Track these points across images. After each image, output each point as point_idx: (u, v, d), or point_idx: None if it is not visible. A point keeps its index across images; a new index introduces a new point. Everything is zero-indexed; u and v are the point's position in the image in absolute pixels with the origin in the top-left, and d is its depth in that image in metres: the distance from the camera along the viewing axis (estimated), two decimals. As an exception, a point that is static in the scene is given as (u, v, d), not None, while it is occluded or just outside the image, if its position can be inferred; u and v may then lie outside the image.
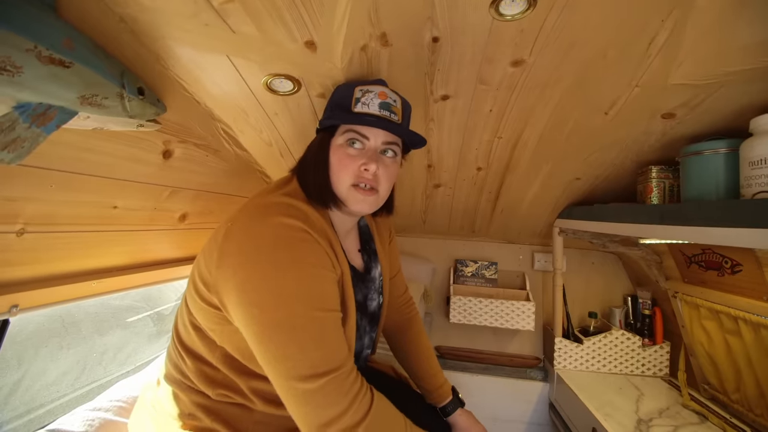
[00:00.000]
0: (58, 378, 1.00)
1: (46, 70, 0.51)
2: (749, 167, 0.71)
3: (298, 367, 0.54)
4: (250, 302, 0.56)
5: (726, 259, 1.08)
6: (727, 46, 0.66)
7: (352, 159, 0.70)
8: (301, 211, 0.65)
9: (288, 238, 0.59)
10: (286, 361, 0.55)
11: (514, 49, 0.72)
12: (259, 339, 0.56)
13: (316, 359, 0.55)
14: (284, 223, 0.60)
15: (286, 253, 0.58)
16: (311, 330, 0.56)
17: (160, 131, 0.81)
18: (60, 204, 0.71)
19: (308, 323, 0.56)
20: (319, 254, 0.62)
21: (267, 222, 0.60)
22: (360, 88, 0.72)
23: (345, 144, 0.71)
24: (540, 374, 1.63)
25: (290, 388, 0.55)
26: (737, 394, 1.14)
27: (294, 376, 0.54)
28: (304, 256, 0.59)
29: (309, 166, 0.73)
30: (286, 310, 0.56)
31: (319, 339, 0.56)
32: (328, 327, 0.58)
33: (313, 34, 0.68)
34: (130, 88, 0.64)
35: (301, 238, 0.60)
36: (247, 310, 0.57)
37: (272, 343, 0.55)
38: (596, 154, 1.10)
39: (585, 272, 1.71)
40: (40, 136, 0.54)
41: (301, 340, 0.55)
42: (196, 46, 0.70)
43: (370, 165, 0.69)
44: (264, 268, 0.57)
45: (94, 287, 0.83)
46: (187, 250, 1.14)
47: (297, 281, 0.57)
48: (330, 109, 0.76)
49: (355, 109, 0.70)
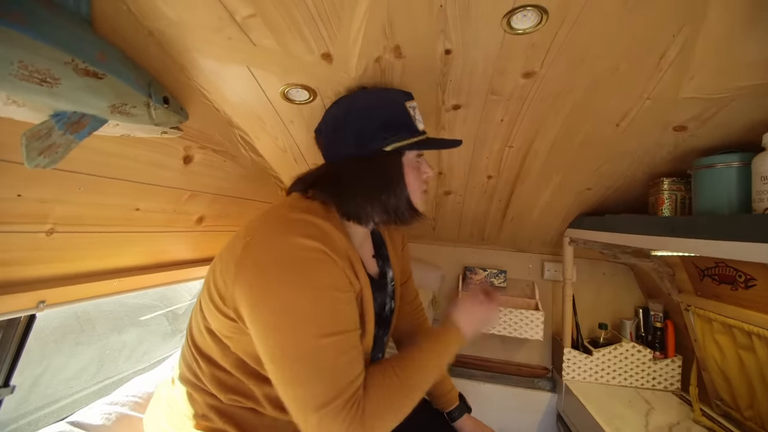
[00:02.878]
0: (76, 373, 1.04)
1: (81, 82, 0.55)
2: (761, 182, 0.71)
3: (306, 395, 0.55)
4: (265, 323, 0.58)
5: (740, 273, 1.07)
6: (737, 62, 0.66)
7: (420, 170, 0.76)
8: (321, 229, 0.64)
9: (305, 259, 0.60)
10: (295, 388, 0.56)
11: (525, 62, 0.74)
12: (272, 359, 0.58)
13: (322, 386, 0.55)
14: (302, 244, 0.60)
15: (302, 276, 0.59)
16: (322, 356, 0.57)
17: (182, 138, 0.85)
18: (87, 206, 0.75)
19: (319, 349, 0.57)
20: (336, 275, 0.62)
21: (285, 241, 0.60)
22: (409, 105, 0.75)
23: (414, 159, 0.75)
24: (548, 384, 1.62)
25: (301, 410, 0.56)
26: (750, 411, 1.12)
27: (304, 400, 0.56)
28: (320, 278, 0.60)
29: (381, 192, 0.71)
30: (299, 336, 0.57)
31: (328, 365, 0.57)
32: (340, 352, 0.58)
33: (329, 46, 0.71)
34: (156, 98, 0.67)
35: (319, 259, 0.61)
36: (261, 331, 0.58)
37: (286, 368, 0.57)
38: (607, 164, 1.10)
39: (595, 283, 1.69)
40: (73, 143, 0.58)
41: (310, 367, 0.56)
42: (219, 58, 0.73)
43: (430, 172, 0.78)
44: (279, 292, 0.58)
45: (115, 285, 0.87)
46: (203, 251, 1.17)
47: (312, 306, 0.58)
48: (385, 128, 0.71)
49: (419, 128, 0.75)
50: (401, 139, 0.72)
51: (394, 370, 0.64)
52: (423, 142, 0.74)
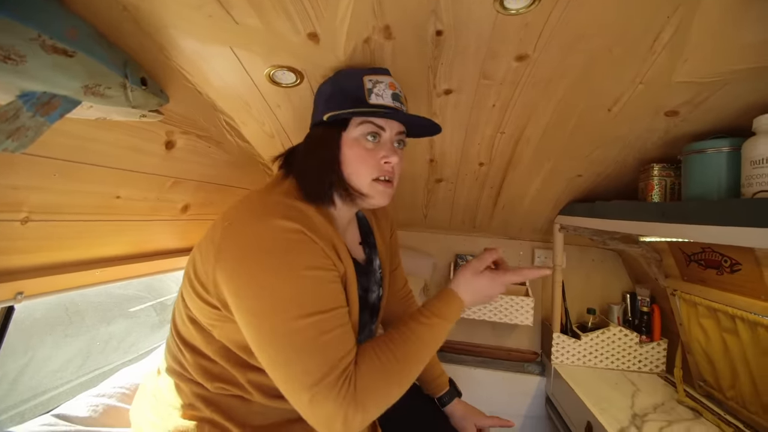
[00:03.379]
0: (62, 365, 1.02)
1: (50, 60, 0.51)
2: (751, 166, 0.71)
3: (295, 375, 0.55)
4: (247, 309, 0.57)
5: (725, 258, 1.08)
6: (732, 44, 0.65)
7: (371, 153, 0.69)
8: (299, 210, 0.64)
9: (285, 241, 0.59)
10: (283, 368, 0.56)
11: (518, 44, 0.72)
12: (258, 344, 0.57)
13: (311, 365, 0.55)
14: (281, 226, 0.59)
15: (282, 258, 0.58)
16: (308, 335, 0.56)
17: (163, 122, 0.81)
18: (64, 193, 0.72)
19: (305, 329, 0.56)
20: (317, 254, 0.61)
21: (264, 224, 0.59)
22: (369, 78, 0.70)
23: (362, 137, 0.69)
24: (537, 368, 1.65)
25: (291, 397, 0.56)
26: (732, 392, 1.15)
27: (292, 385, 0.55)
28: (300, 259, 0.59)
29: (315, 164, 0.70)
30: (282, 318, 0.56)
31: (316, 344, 0.56)
32: (326, 330, 0.58)
33: (316, 26, 0.68)
34: (133, 78, 0.64)
35: (298, 240, 0.59)
36: (245, 317, 0.57)
37: (271, 350, 0.56)
38: (599, 150, 1.10)
39: (585, 269, 1.71)
40: (44, 125, 0.55)
41: (297, 347, 0.55)
42: (199, 37, 0.70)
43: (391, 158, 0.69)
44: (260, 276, 0.57)
45: (98, 276, 0.84)
46: (189, 240, 1.14)
47: (294, 287, 0.57)
48: (335, 99, 0.70)
49: (370, 101, 0.68)
50: (341, 108, 0.68)
51: (387, 345, 0.62)
52: (367, 112, 0.68)
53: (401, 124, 0.72)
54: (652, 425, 1.08)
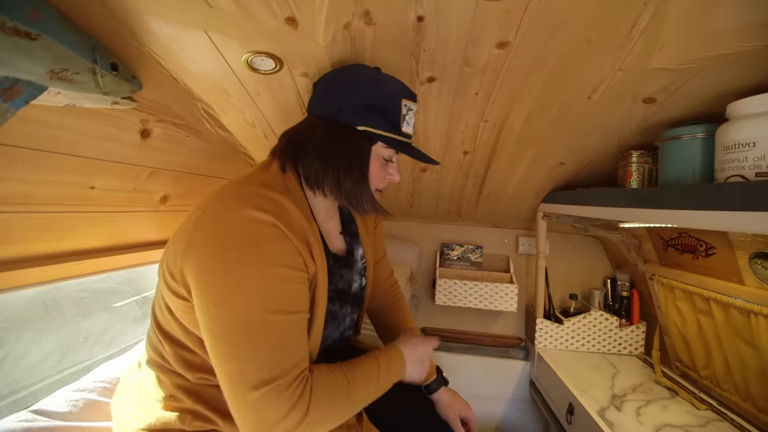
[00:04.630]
0: (40, 360, 0.99)
1: (10, 42, 0.49)
2: (724, 152, 0.73)
3: (245, 369, 0.53)
4: (207, 296, 0.56)
5: (701, 242, 1.12)
6: (706, 31, 0.66)
7: (384, 168, 0.76)
8: (276, 203, 0.62)
9: (256, 233, 0.57)
10: (234, 360, 0.54)
11: (499, 31, 0.72)
12: (212, 334, 0.56)
13: (264, 363, 0.54)
14: (254, 217, 0.58)
15: (251, 251, 0.56)
16: (266, 333, 0.55)
17: (137, 109, 0.79)
18: (34, 183, 0.69)
19: (264, 325, 0.55)
20: (288, 252, 0.60)
21: (237, 214, 0.58)
22: (405, 103, 0.73)
23: (383, 156, 0.75)
24: (521, 353, 1.69)
25: (235, 389, 0.54)
26: (707, 371, 1.20)
27: (239, 378, 0.53)
28: (271, 254, 0.57)
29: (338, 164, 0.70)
30: (242, 309, 0.55)
31: (273, 343, 0.55)
32: (285, 330, 0.57)
33: (294, 10, 0.66)
34: (102, 64, 0.62)
35: (271, 234, 0.58)
36: (203, 304, 0.56)
37: (224, 341, 0.55)
38: (580, 139, 1.11)
39: (567, 255, 1.75)
40: (8, 112, 0.53)
41: (253, 342, 0.54)
42: (171, 20, 0.67)
43: (396, 176, 0.78)
44: (226, 264, 0.55)
45: (73, 269, 0.82)
46: (169, 232, 1.12)
47: (259, 280, 0.56)
48: (371, 110, 0.71)
49: (403, 129, 0.74)
50: (378, 128, 0.71)
51: (344, 374, 0.63)
52: (399, 142, 0.73)
53: None
54: (631, 405, 1.12)
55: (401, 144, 0.73)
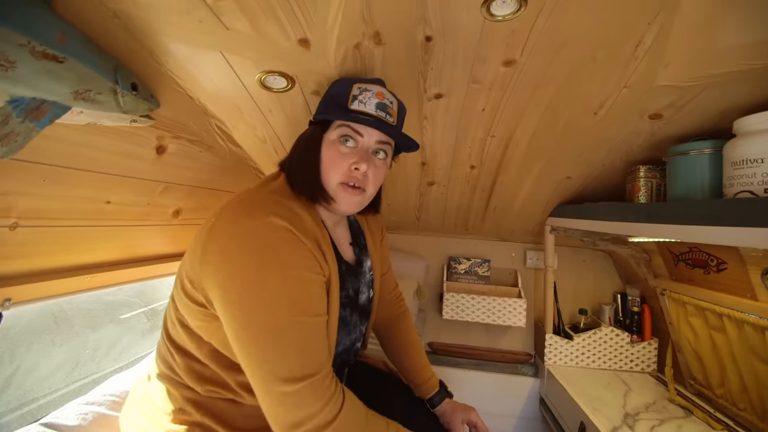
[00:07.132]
0: (50, 373, 1.00)
1: (39, 65, 0.51)
2: (732, 167, 0.73)
3: (277, 371, 0.55)
4: (232, 303, 0.57)
5: (712, 257, 1.11)
6: (711, 49, 0.67)
7: (344, 157, 0.69)
8: (288, 209, 0.64)
9: (273, 239, 0.58)
10: (266, 365, 0.55)
11: (505, 50, 0.74)
12: (240, 341, 0.57)
13: (294, 364, 0.55)
14: (269, 222, 0.59)
15: (269, 255, 0.57)
16: (292, 335, 0.56)
17: (154, 127, 0.81)
18: (53, 199, 0.72)
19: (290, 328, 0.56)
20: (305, 256, 0.61)
21: (251, 220, 0.59)
22: (358, 86, 0.71)
23: (338, 140, 0.70)
24: (531, 370, 1.66)
25: (268, 390, 0.55)
26: (722, 389, 1.17)
27: (272, 380, 0.55)
28: (288, 258, 0.59)
29: (298, 159, 0.72)
30: (267, 313, 0.56)
31: (299, 344, 0.56)
32: (309, 332, 0.58)
33: (306, 31, 0.69)
34: (123, 84, 0.64)
35: (287, 239, 0.59)
36: (228, 311, 0.57)
37: (253, 347, 0.56)
38: (586, 153, 1.12)
39: (576, 270, 1.73)
40: (33, 131, 0.55)
41: (281, 345, 0.55)
42: (189, 42, 0.70)
43: (361, 165, 0.69)
44: (246, 270, 0.56)
45: (87, 282, 0.84)
46: (180, 245, 1.14)
47: (280, 285, 0.57)
48: (324, 103, 0.75)
49: (351, 106, 0.69)
50: (325, 112, 0.72)
51: (366, 414, 0.64)
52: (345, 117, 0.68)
53: (385, 134, 0.72)
54: (644, 424, 1.10)
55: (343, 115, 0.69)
